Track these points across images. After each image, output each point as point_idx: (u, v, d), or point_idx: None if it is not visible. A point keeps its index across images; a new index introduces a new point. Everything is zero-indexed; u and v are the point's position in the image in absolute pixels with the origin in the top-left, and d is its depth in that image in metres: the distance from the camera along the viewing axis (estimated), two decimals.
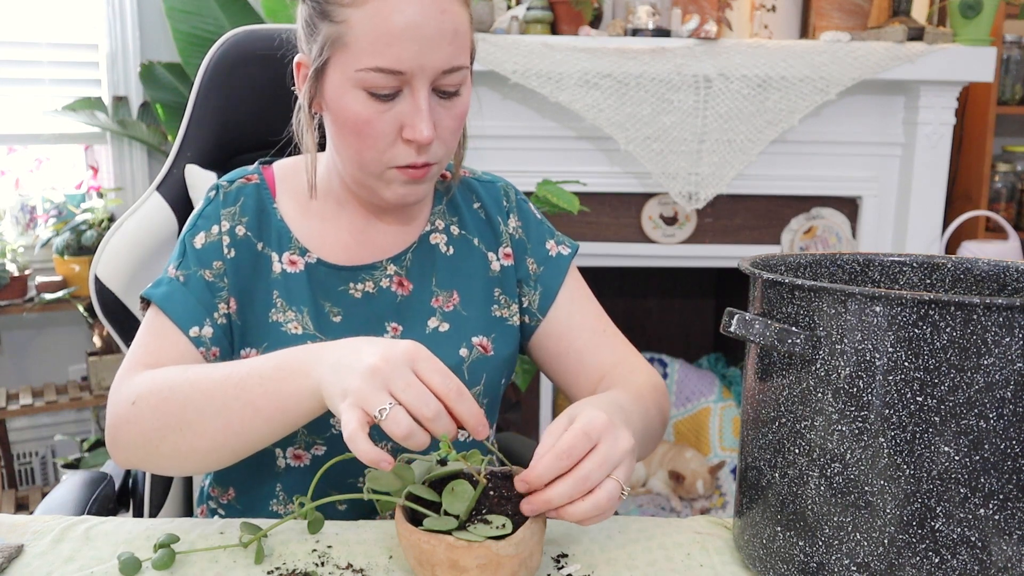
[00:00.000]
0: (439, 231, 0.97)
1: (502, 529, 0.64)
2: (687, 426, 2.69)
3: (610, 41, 2.17)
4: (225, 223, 0.92)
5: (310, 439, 0.90)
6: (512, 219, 1.01)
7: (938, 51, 2.17)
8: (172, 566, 0.71)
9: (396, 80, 0.80)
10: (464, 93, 0.86)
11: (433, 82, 0.82)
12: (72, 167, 2.72)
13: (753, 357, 0.69)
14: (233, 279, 0.90)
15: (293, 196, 0.96)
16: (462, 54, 0.83)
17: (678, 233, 2.40)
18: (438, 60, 0.80)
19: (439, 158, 0.86)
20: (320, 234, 0.94)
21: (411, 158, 0.84)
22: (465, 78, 0.85)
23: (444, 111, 0.84)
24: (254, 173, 0.96)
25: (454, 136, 0.87)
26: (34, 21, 2.49)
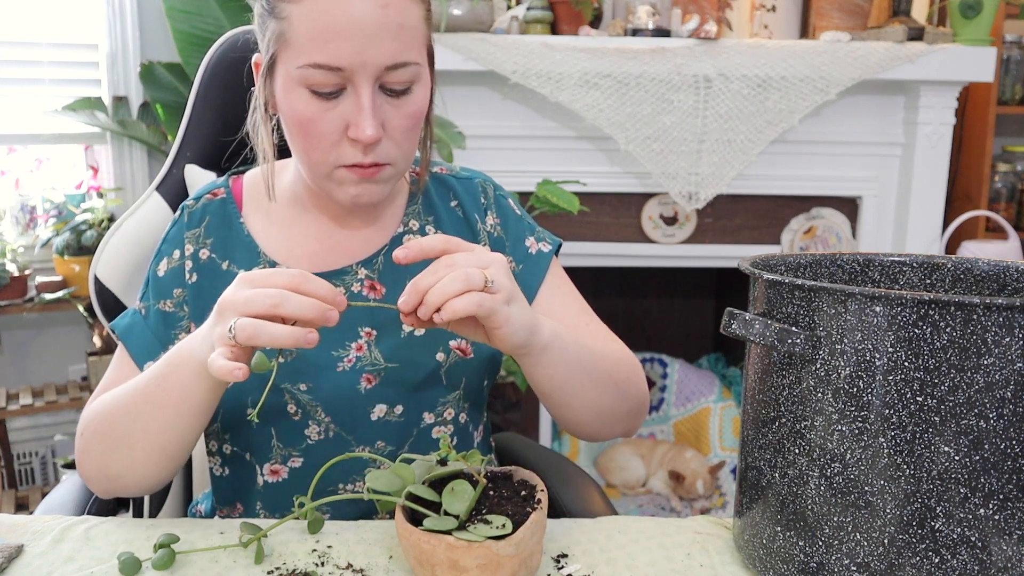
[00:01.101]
0: (413, 232, 0.95)
1: (502, 529, 0.64)
2: (687, 426, 2.69)
3: (610, 41, 2.17)
4: (189, 247, 0.92)
5: (286, 452, 0.90)
6: (490, 216, 0.97)
7: (938, 51, 2.17)
8: (172, 566, 0.71)
9: (337, 77, 0.78)
10: (418, 92, 0.82)
11: (378, 79, 0.79)
12: (72, 167, 2.72)
13: (753, 357, 0.69)
14: (194, 305, 0.90)
15: (260, 206, 0.94)
16: (409, 50, 0.79)
17: (678, 233, 2.40)
18: (380, 56, 0.77)
19: (392, 159, 0.83)
20: (289, 243, 0.92)
21: (357, 158, 0.81)
22: (416, 75, 0.81)
23: (394, 110, 0.81)
24: (221, 187, 0.96)
25: (407, 136, 0.83)
26: (34, 21, 2.49)
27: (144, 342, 0.90)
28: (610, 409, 0.88)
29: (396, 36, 0.78)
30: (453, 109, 2.25)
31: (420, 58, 0.81)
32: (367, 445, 0.89)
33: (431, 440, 0.92)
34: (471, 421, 0.96)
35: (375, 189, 0.84)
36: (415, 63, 0.80)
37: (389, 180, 0.86)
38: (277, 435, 0.89)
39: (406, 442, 0.91)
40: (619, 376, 0.89)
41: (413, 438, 0.91)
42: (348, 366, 0.89)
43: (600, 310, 3.11)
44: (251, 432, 0.90)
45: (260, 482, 0.91)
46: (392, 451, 0.90)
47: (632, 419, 0.92)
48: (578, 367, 0.82)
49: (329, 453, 0.88)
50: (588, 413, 0.87)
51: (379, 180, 0.84)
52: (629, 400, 0.90)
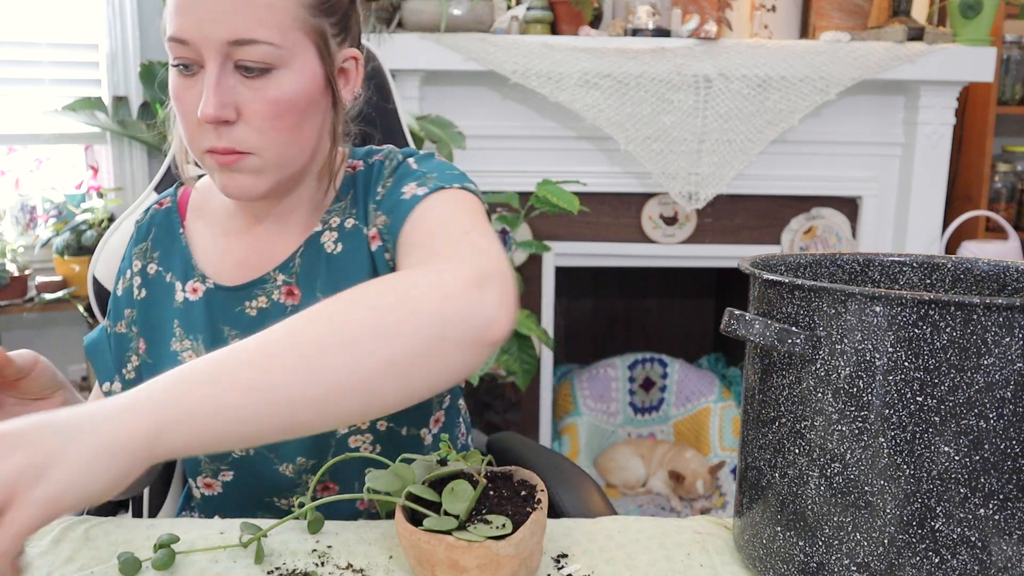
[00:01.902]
0: (332, 228, 0.87)
1: (502, 529, 0.64)
2: (687, 426, 2.69)
3: (610, 41, 2.17)
4: (137, 262, 0.92)
5: (214, 467, 0.89)
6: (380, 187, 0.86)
7: (938, 51, 2.17)
8: (172, 566, 0.71)
9: (188, 51, 0.75)
10: (283, 76, 0.77)
11: (227, 56, 0.75)
12: (72, 167, 2.72)
13: (753, 357, 0.69)
14: (142, 321, 0.90)
15: (203, 215, 0.92)
16: (260, 27, 0.74)
17: (678, 233, 2.40)
18: (221, 30, 0.73)
19: (251, 147, 0.77)
20: (220, 253, 0.90)
21: (211, 140, 0.77)
22: (276, 57, 0.76)
23: (251, 92, 0.76)
24: (168, 196, 0.95)
25: (270, 123, 0.77)
26: (34, 21, 2.49)
27: (104, 362, 0.91)
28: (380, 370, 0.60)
29: (241, 11, 0.74)
30: (453, 109, 2.25)
31: (281, 40, 0.76)
32: (288, 462, 0.87)
33: (351, 450, 0.87)
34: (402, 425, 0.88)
35: (241, 180, 0.79)
36: (269, 43, 0.75)
37: (260, 173, 0.79)
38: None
39: (326, 454, 0.87)
40: (363, 331, 0.60)
41: (332, 449, 0.87)
42: None
43: (600, 310, 3.10)
44: None
45: (197, 495, 0.92)
46: (315, 464, 0.87)
47: (454, 349, 0.62)
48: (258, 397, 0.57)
49: (256, 468, 0.88)
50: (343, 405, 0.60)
51: (241, 170, 0.78)
52: (413, 340, 0.60)
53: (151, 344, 0.90)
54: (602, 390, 2.73)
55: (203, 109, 0.74)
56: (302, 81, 0.78)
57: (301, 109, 0.79)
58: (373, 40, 2.11)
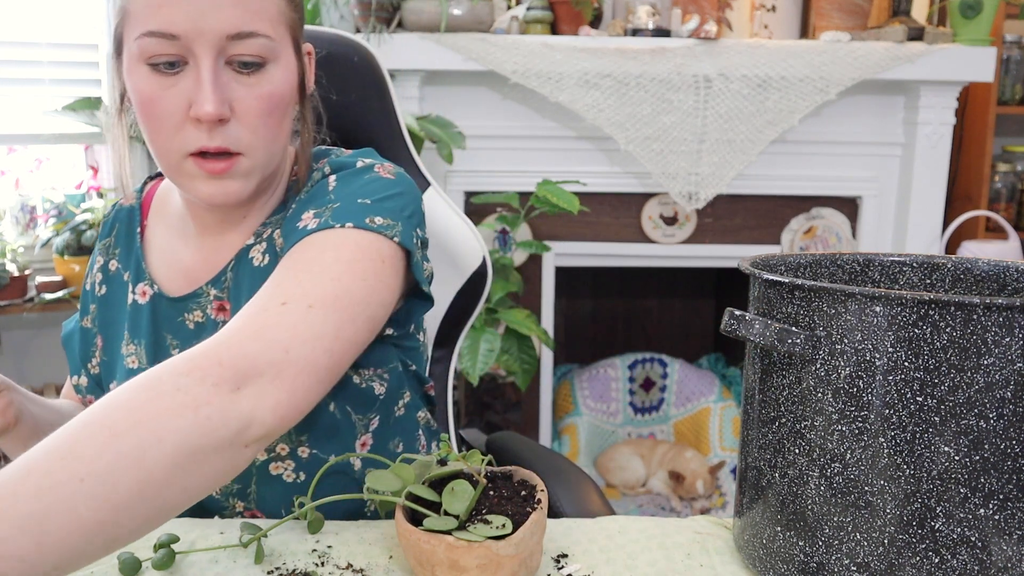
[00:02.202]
0: (263, 239, 0.84)
1: (502, 529, 0.64)
2: (687, 426, 2.70)
3: (610, 41, 2.17)
4: (100, 258, 0.91)
5: None
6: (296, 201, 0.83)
7: (938, 51, 2.17)
8: (172, 566, 0.71)
9: (174, 47, 0.71)
10: (274, 71, 0.75)
11: (221, 51, 0.72)
12: (72, 167, 2.72)
13: (753, 357, 0.69)
14: (101, 317, 0.90)
15: (164, 218, 0.90)
16: (256, 20, 0.72)
17: (678, 233, 2.40)
18: (219, 23, 0.70)
19: (244, 147, 0.75)
20: (170, 261, 0.87)
21: (202, 140, 0.73)
22: (270, 51, 0.74)
23: (244, 89, 0.74)
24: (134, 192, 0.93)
25: (262, 121, 0.75)
26: (34, 21, 2.49)
27: (73, 355, 0.92)
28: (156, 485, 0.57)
29: (238, 3, 0.71)
30: (453, 109, 2.25)
31: (274, 33, 0.74)
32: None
33: (272, 477, 0.82)
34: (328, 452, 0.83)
35: (231, 186, 0.76)
36: (265, 36, 0.73)
37: (246, 175, 0.77)
38: None
39: (250, 479, 0.83)
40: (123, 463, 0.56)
41: (255, 476, 0.83)
42: None
43: (600, 310, 3.11)
44: None
45: None
46: (240, 489, 0.84)
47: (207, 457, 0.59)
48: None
49: None
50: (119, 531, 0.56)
51: (233, 175, 0.76)
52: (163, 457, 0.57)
53: (107, 342, 0.90)
54: (602, 390, 2.73)
55: (202, 108, 0.71)
56: (288, 76, 0.77)
57: (286, 105, 0.77)
58: (373, 40, 2.11)
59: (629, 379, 2.75)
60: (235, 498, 0.85)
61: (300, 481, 0.83)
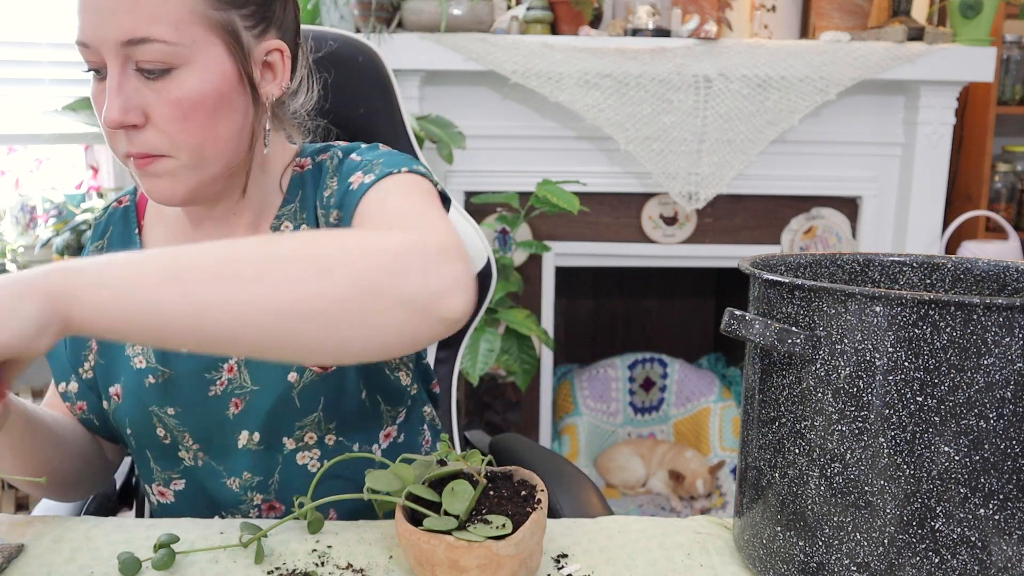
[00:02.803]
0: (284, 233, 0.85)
1: (502, 529, 0.64)
2: (687, 426, 2.70)
3: (610, 41, 2.17)
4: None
5: (165, 475, 0.88)
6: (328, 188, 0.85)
7: (938, 51, 2.17)
8: (172, 566, 0.71)
9: (91, 55, 0.74)
10: (186, 75, 0.73)
11: (126, 58, 0.73)
12: (72, 167, 2.72)
13: (753, 357, 0.69)
14: None
15: (161, 217, 0.91)
16: (153, 24, 0.71)
17: (678, 233, 2.40)
18: (114, 30, 0.71)
19: (163, 149, 0.75)
20: None
21: (124, 146, 0.75)
22: (172, 56, 0.72)
23: (154, 95, 0.74)
24: (127, 195, 0.94)
25: (178, 125, 0.74)
26: (34, 21, 2.49)
27: (60, 363, 0.91)
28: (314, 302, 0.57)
29: (131, 9, 0.71)
30: (453, 109, 2.25)
31: (176, 37, 0.72)
32: (235, 476, 0.86)
33: (298, 467, 0.85)
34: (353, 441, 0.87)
35: (161, 184, 0.77)
36: (163, 40, 0.72)
37: (177, 175, 0.77)
38: (153, 459, 0.88)
39: (274, 471, 0.85)
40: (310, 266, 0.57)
41: (280, 466, 0.85)
42: (220, 390, 0.84)
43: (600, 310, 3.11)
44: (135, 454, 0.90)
45: (155, 502, 0.91)
46: (261, 481, 0.86)
47: (395, 306, 0.58)
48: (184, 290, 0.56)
49: (204, 480, 0.87)
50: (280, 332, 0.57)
51: (158, 174, 0.76)
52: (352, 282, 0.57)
53: (102, 345, 0.89)
54: (602, 390, 2.73)
55: (107, 115, 0.72)
56: (208, 79, 0.75)
57: (211, 108, 0.75)
58: (373, 40, 2.11)
59: (629, 379, 2.75)
60: (254, 491, 0.86)
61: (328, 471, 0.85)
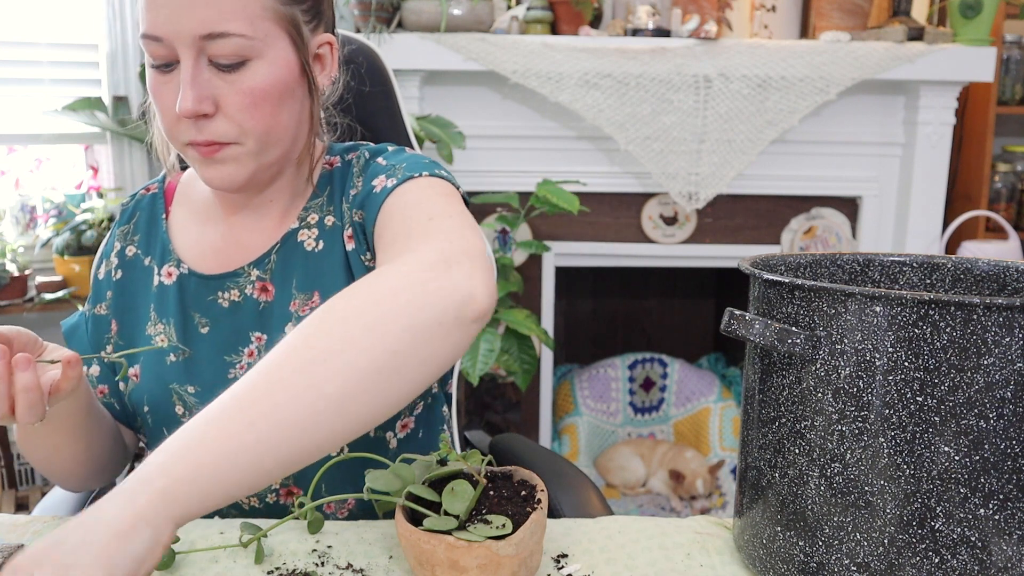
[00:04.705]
0: (311, 226, 0.89)
1: (502, 529, 0.64)
2: (687, 426, 2.70)
3: (610, 41, 2.17)
4: (117, 244, 0.93)
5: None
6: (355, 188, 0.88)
7: (938, 51, 2.17)
8: (172, 566, 0.71)
9: (162, 48, 0.76)
10: (257, 67, 0.77)
11: (200, 50, 0.76)
12: (72, 167, 2.72)
13: (753, 357, 0.69)
14: (117, 301, 0.91)
15: (187, 204, 0.94)
16: (230, 20, 0.75)
17: (678, 233, 2.40)
18: (193, 25, 0.74)
19: (233, 137, 0.79)
20: (198, 242, 0.91)
21: (191, 134, 0.78)
22: (247, 48, 0.76)
23: (226, 85, 0.77)
24: (155, 183, 0.96)
25: (248, 114, 0.78)
26: (34, 21, 2.49)
27: (82, 346, 0.92)
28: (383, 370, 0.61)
29: (210, 4, 0.74)
30: (453, 109, 2.25)
31: (252, 31, 0.76)
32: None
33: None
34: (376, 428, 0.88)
35: (225, 170, 0.80)
36: (240, 35, 0.76)
37: (241, 160, 0.80)
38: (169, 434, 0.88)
39: None
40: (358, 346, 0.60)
41: None
42: (240, 373, 0.86)
43: (600, 310, 3.11)
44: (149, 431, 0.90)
45: None
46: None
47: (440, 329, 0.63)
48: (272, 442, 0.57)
49: None
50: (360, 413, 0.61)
51: (223, 160, 0.80)
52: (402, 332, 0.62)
53: (122, 325, 0.91)
54: (602, 390, 2.73)
55: (181, 105, 0.75)
56: (276, 71, 0.79)
57: (277, 98, 0.79)
58: (373, 40, 2.11)
59: (629, 379, 2.75)
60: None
61: (345, 459, 0.86)
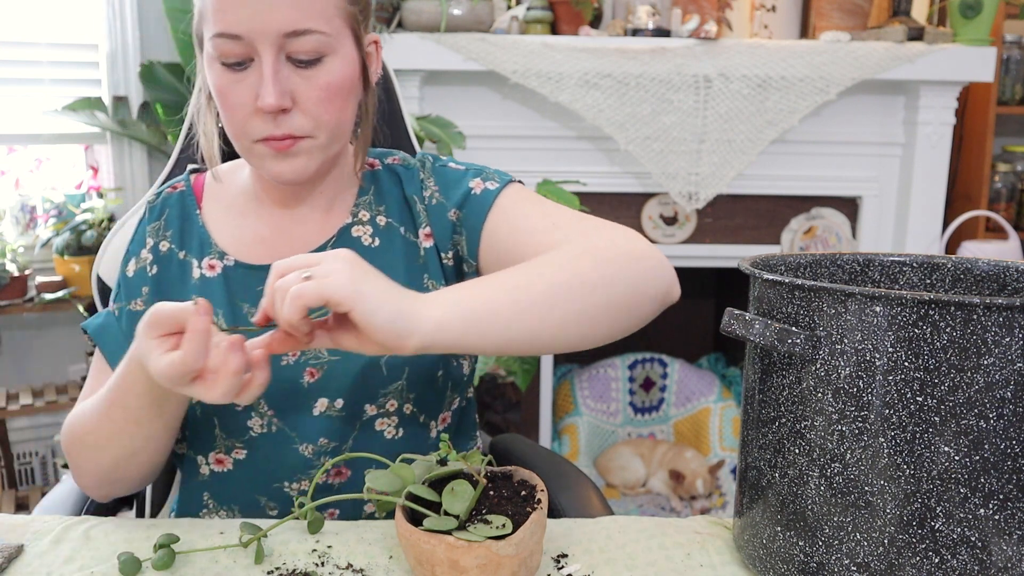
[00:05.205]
0: (363, 223, 0.93)
1: (502, 529, 0.64)
2: (687, 426, 2.69)
3: (610, 41, 2.17)
4: (150, 240, 0.94)
5: (229, 443, 0.89)
6: (427, 190, 0.93)
7: (938, 51, 2.17)
8: (172, 566, 0.71)
9: (239, 47, 0.78)
10: (332, 64, 0.81)
11: (280, 48, 0.79)
12: (72, 167, 2.72)
13: (753, 357, 0.69)
14: (153, 297, 0.91)
15: (220, 199, 0.95)
16: (311, 18, 0.78)
17: (678, 233, 2.40)
18: (277, 23, 0.77)
19: (307, 131, 0.82)
20: (240, 234, 0.93)
21: (268, 129, 0.81)
22: (326, 46, 0.80)
23: (303, 80, 0.80)
24: (181, 180, 0.97)
25: (323, 107, 0.82)
26: (34, 21, 2.49)
27: (117, 343, 0.91)
28: (602, 312, 0.75)
29: (293, 3, 0.77)
30: (453, 109, 2.25)
31: (329, 28, 0.80)
32: (309, 443, 0.88)
33: (375, 433, 0.90)
34: (423, 412, 0.92)
35: (296, 163, 0.83)
36: (320, 32, 0.79)
37: (312, 153, 0.84)
38: (220, 425, 0.89)
39: (349, 437, 0.89)
40: (594, 278, 0.75)
41: (356, 432, 0.89)
42: (292, 360, 0.88)
43: None
44: (196, 421, 0.90)
45: (206, 472, 0.91)
46: (336, 447, 0.89)
47: (648, 302, 0.78)
48: (517, 311, 0.71)
49: (272, 447, 0.88)
50: (572, 335, 0.75)
51: (297, 153, 0.83)
52: (626, 289, 0.76)
53: None
54: (602, 390, 2.73)
55: (264, 100, 0.78)
56: (346, 66, 0.83)
57: (347, 93, 0.84)
58: None
59: (629, 379, 2.75)
60: (327, 456, 0.88)
61: (397, 438, 0.90)
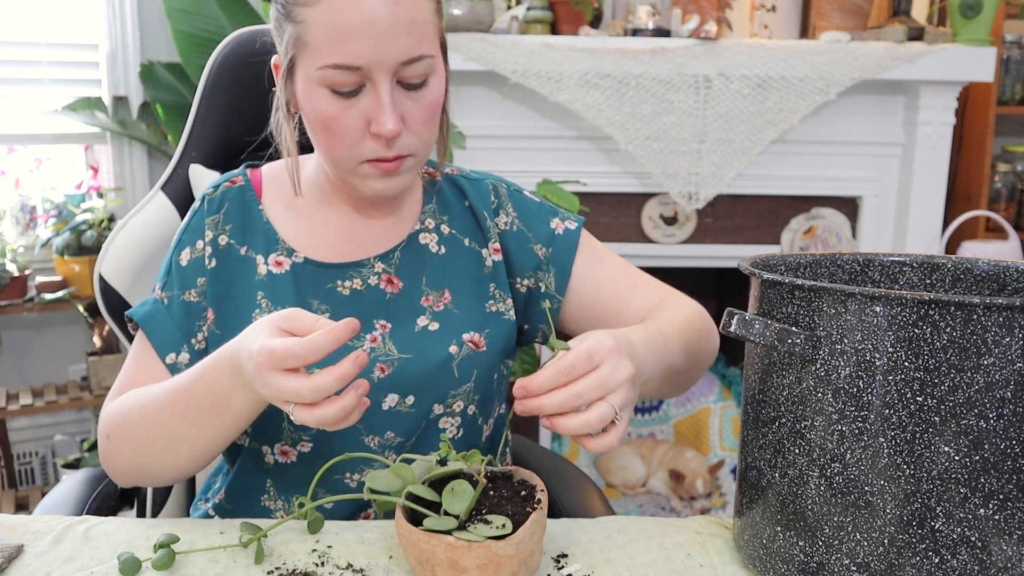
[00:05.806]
0: (429, 231, 0.97)
1: (502, 529, 0.64)
2: (687, 426, 2.70)
3: (610, 41, 2.17)
4: (208, 233, 0.93)
5: (295, 435, 0.90)
6: (503, 214, 0.99)
7: (938, 51, 2.17)
8: (172, 566, 0.71)
9: (355, 76, 0.80)
10: (434, 83, 0.84)
11: (395, 74, 0.81)
12: (72, 167, 2.72)
13: (753, 357, 0.69)
14: (212, 290, 0.91)
15: (280, 197, 0.96)
16: (423, 44, 0.81)
17: (678, 233, 2.40)
18: (396, 52, 0.79)
19: (413, 150, 0.85)
20: (307, 233, 0.94)
21: (380, 152, 0.84)
22: (432, 67, 0.83)
23: (411, 103, 0.83)
24: (239, 175, 0.97)
25: (426, 126, 0.85)
26: (34, 21, 2.49)
27: (167, 332, 0.90)
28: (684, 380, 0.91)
29: (409, 31, 0.79)
30: (453, 109, 2.24)
31: (433, 50, 0.83)
32: (376, 435, 0.90)
33: (438, 431, 0.93)
34: (480, 414, 0.96)
35: (398, 181, 0.87)
36: (429, 56, 0.82)
37: (411, 170, 0.88)
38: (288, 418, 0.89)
39: (414, 433, 0.92)
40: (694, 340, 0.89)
41: (422, 429, 0.92)
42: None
43: None
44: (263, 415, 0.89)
45: (271, 461, 0.92)
46: (401, 442, 0.91)
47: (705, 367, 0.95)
48: (664, 372, 0.83)
49: (338, 440, 0.89)
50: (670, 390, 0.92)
51: (401, 172, 0.86)
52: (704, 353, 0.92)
53: (220, 314, 0.91)
54: None
55: (386, 127, 0.80)
56: (442, 84, 0.86)
57: (440, 107, 0.87)
58: None
59: None
60: (391, 451, 0.91)
61: (458, 437, 0.94)
